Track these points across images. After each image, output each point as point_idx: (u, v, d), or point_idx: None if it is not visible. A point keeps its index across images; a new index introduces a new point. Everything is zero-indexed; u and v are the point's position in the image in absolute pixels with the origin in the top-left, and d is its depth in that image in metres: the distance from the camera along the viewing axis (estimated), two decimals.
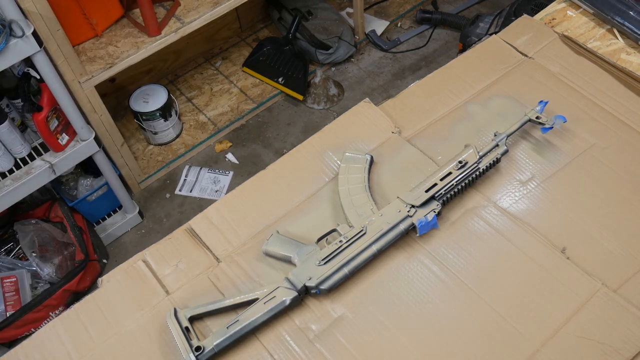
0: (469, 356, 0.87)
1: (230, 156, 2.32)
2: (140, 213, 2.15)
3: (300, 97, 2.42)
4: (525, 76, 1.20)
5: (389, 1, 2.80)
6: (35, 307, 1.77)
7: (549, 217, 1.00)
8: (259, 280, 0.97)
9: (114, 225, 2.12)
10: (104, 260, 2.06)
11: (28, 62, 1.53)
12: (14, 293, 1.85)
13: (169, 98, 2.21)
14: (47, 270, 1.88)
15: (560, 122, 1.04)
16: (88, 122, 1.79)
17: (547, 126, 1.05)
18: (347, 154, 1.07)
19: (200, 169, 2.28)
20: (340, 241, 0.95)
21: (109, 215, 2.14)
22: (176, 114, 2.29)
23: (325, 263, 0.93)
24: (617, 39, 1.27)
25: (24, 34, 1.40)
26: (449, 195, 0.99)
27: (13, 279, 1.86)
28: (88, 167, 2.02)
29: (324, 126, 1.16)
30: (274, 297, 0.90)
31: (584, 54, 1.22)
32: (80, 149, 1.74)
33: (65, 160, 1.73)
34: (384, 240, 0.95)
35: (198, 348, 0.87)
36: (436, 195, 0.98)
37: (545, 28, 1.28)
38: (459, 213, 1.01)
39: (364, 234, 0.95)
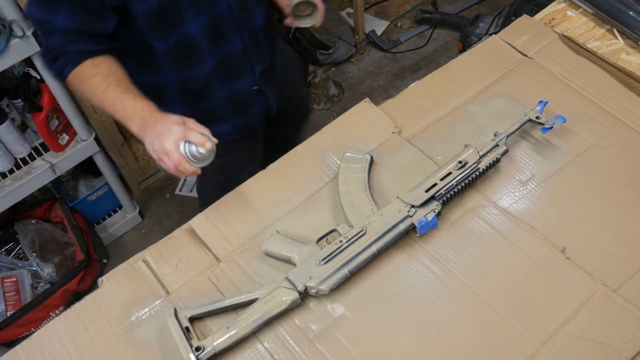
0: (469, 356, 0.87)
1: None
2: (140, 213, 2.15)
3: None
4: (525, 76, 1.20)
5: (389, 1, 2.80)
6: (35, 307, 1.77)
7: (549, 217, 1.00)
8: (259, 280, 0.97)
9: (114, 225, 2.12)
10: (104, 260, 2.05)
11: (28, 62, 1.53)
12: (14, 293, 1.85)
13: None
14: (48, 270, 1.88)
15: (560, 122, 1.04)
16: (88, 122, 1.79)
17: (547, 126, 1.05)
18: (347, 154, 1.07)
19: None
20: (340, 241, 0.95)
21: (109, 215, 2.14)
22: None
23: (325, 263, 0.93)
24: (617, 39, 1.27)
25: (24, 34, 1.40)
26: (449, 195, 0.99)
27: (13, 279, 1.86)
28: (88, 167, 2.02)
29: (324, 126, 1.16)
30: (274, 297, 0.90)
31: (584, 54, 1.22)
32: (81, 149, 1.74)
33: (65, 160, 1.73)
34: (384, 240, 0.95)
35: (198, 348, 0.87)
36: (436, 195, 0.98)
37: (545, 28, 1.28)
38: (459, 213, 1.01)
39: (364, 234, 0.95)
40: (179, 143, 0.91)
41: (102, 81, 0.99)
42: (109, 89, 0.98)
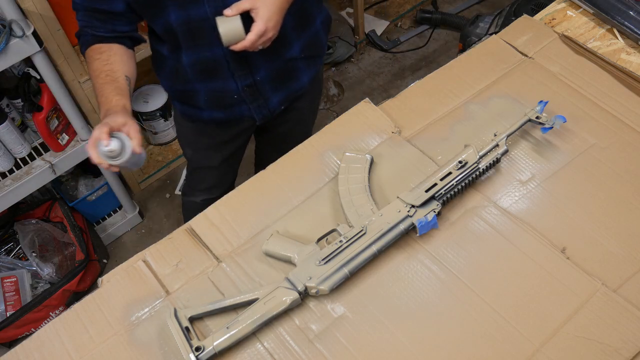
0: (469, 356, 0.87)
1: None
2: (140, 213, 2.16)
3: None
4: (525, 76, 1.20)
5: (389, 1, 2.80)
6: (35, 307, 1.77)
7: (549, 217, 1.00)
8: (259, 280, 0.97)
9: (114, 225, 2.12)
10: (104, 260, 2.06)
11: (28, 62, 1.53)
12: (14, 293, 1.85)
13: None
14: (47, 270, 1.88)
15: (560, 122, 1.04)
16: (88, 122, 1.79)
17: (547, 126, 1.05)
18: (347, 154, 1.08)
19: None
20: (341, 241, 0.95)
21: (109, 215, 2.14)
22: None
23: (325, 263, 0.93)
24: (617, 39, 1.27)
25: (24, 34, 1.40)
26: (449, 195, 0.99)
27: (13, 279, 1.86)
28: (88, 167, 2.02)
29: (324, 126, 1.16)
30: (274, 297, 0.90)
31: (584, 54, 1.22)
32: (81, 148, 1.74)
33: (65, 160, 1.73)
34: (384, 240, 0.95)
35: (198, 348, 0.87)
36: (436, 195, 0.98)
37: (545, 28, 1.28)
38: (459, 213, 1.01)
39: (364, 234, 0.95)
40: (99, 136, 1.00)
41: (98, 67, 1.12)
42: (100, 76, 1.11)
